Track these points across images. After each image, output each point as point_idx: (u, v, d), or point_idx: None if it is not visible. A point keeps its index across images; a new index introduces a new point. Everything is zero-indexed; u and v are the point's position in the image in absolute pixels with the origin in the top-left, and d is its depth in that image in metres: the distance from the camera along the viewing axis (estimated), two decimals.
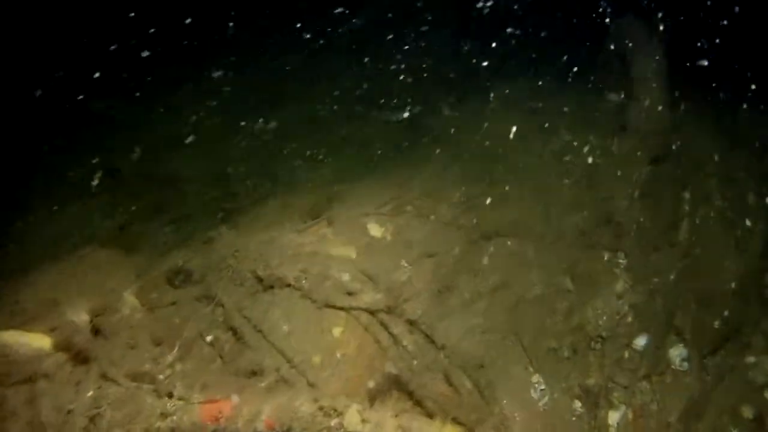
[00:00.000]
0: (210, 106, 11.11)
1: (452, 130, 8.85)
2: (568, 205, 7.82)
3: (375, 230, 6.29)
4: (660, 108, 8.19)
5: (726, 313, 7.68)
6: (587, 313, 7.05)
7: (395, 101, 10.77)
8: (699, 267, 8.03)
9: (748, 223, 8.72)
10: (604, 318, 6.92)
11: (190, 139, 9.67)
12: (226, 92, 11.15)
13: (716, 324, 7.41)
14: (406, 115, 10.25)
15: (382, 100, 10.82)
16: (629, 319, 7.22)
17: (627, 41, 8.88)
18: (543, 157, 8.25)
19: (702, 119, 9.35)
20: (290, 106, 10.68)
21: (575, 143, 8.51)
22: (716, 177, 8.87)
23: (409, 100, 10.72)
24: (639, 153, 8.30)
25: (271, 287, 6.01)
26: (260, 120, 10.38)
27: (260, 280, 6.04)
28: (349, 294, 5.78)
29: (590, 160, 8.29)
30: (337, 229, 6.31)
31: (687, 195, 8.70)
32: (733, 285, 8.03)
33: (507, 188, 7.69)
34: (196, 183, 8.81)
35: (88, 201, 8.49)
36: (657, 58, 8.50)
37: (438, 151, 8.59)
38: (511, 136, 8.55)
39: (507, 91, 9.54)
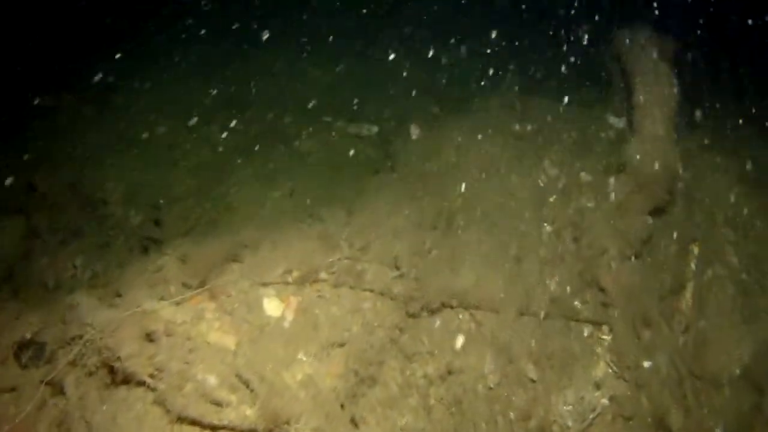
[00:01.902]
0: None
1: (416, 156, 6.78)
2: (544, 263, 6.03)
3: (272, 307, 4.51)
4: (666, 142, 6.18)
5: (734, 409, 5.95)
6: (553, 410, 5.45)
7: (369, 113, 8.59)
8: (704, 346, 6.38)
9: None
10: (575, 416, 4.88)
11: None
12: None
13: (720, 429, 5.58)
14: (376, 130, 8.17)
15: (355, 110, 8.58)
16: (608, 416, 5.61)
17: (631, 57, 6.70)
18: (520, 197, 6.37)
19: (717, 155, 7.47)
20: (249, 113, 8.44)
21: (562, 181, 6.53)
22: (731, 228, 6.86)
23: (385, 112, 8.55)
24: (638, 199, 6.61)
25: (125, 382, 4.55)
26: (209, 128, 8.14)
27: (113, 371, 4.56)
28: (214, 405, 4.37)
29: (578, 204, 6.19)
30: (221, 305, 4.38)
31: (694, 251, 7.02)
32: (743, 370, 6.25)
33: (467, 238, 5.66)
34: None
35: None
36: (665, 79, 6.28)
37: (392, 182, 6.65)
38: (485, 166, 6.47)
39: (492, 108, 7.45)
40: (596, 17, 8.00)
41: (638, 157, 6.23)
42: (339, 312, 4.88)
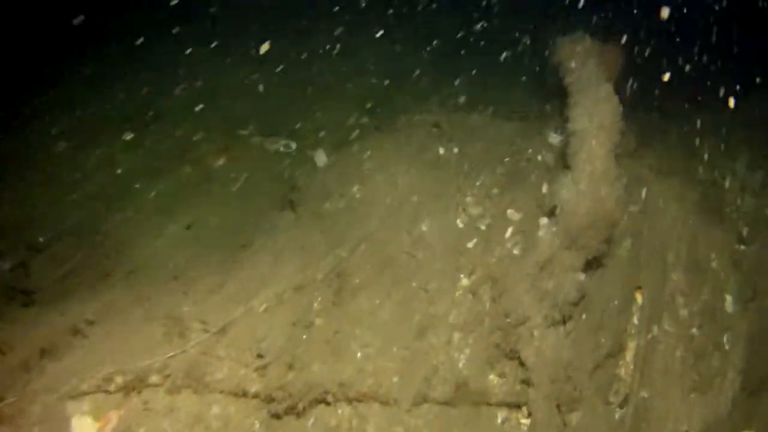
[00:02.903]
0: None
1: (320, 189, 5.65)
2: (454, 329, 5.16)
3: (83, 429, 3.04)
4: (604, 181, 5.49)
5: None
6: None
7: (292, 125, 7.21)
8: (646, 422, 5.19)
9: (725, 344, 5.74)
10: None
11: None
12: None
13: None
14: (294, 146, 6.81)
15: (277, 123, 7.19)
16: None
17: (569, 73, 5.30)
18: (432, 243, 5.34)
19: (670, 180, 5.82)
20: (157, 127, 7.06)
21: (486, 221, 5.24)
22: (682, 271, 5.73)
23: (309, 124, 7.18)
24: (568, 256, 5.41)
25: None
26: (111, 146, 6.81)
27: None
28: None
29: (502, 251, 4.89)
30: (15, 425, 3.08)
31: (638, 301, 5.89)
32: None
33: (361, 302, 4.60)
34: None
35: None
36: (605, 103, 4.98)
37: (290, 224, 5.51)
38: (395, 204, 5.16)
39: (416, 127, 6.09)
40: (540, 23, 6.47)
41: (571, 200, 4.88)
42: (173, 428, 3.52)
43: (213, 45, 9.06)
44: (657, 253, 5.81)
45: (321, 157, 6.22)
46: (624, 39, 6.20)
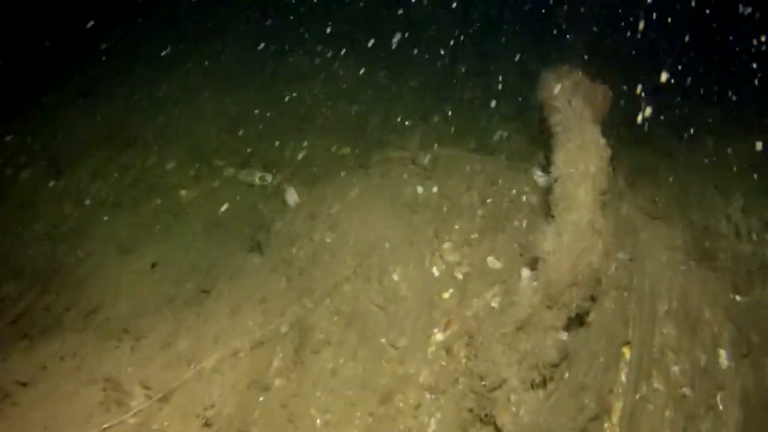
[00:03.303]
0: None
1: (288, 232, 5.39)
2: (424, 389, 4.73)
3: None
4: (589, 233, 4.99)
5: None
6: None
7: (269, 156, 6.74)
8: None
9: (718, 405, 5.22)
10: None
11: None
12: None
13: None
14: (270, 179, 6.33)
15: (253, 152, 6.72)
16: None
17: (554, 111, 4.84)
18: (404, 295, 5.19)
19: (663, 225, 5.50)
20: (128, 155, 6.59)
21: (463, 269, 4.94)
22: (674, 324, 5.64)
23: (286, 155, 6.71)
24: (549, 315, 4.86)
25: None
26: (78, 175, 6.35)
27: None
28: None
29: (480, 303, 4.57)
30: None
31: (626, 357, 5.38)
32: None
33: (322, 365, 4.32)
34: None
35: None
36: (592, 146, 4.65)
37: (255, 269, 5.27)
38: (366, 251, 4.77)
39: (395, 162, 5.55)
40: (527, 56, 6.00)
41: (554, 253, 4.62)
42: None
43: (192, 68, 8.52)
44: (646, 304, 5.33)
45: (292, 196, 5.72)
46: (614, 74, 5.65)
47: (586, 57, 6.16)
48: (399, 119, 7.39)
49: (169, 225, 6.53)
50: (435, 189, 5.93)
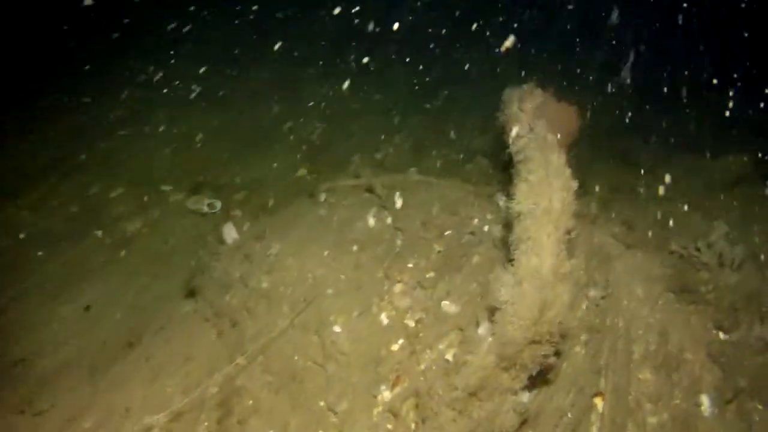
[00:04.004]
0: None
1: (223, 275, 4.80)
2: None
3: None
4: (553, 282, 4.18)
5: None
6: None
7: (220, 180, 6.00)
8: None
9: None
10: None
11: None
12: None
13: None
14: (219, 206, 5.59)
15: (204, 177, 5.97)
16: None
17: (515, 137, 4.15)
18: (348, 349, 4.54)
19: (635, 257, 5.29)
20: (69, 183, 5.83)
21: (416, 315, 4.78)
22: (650, 369, 4.88)
23: (238, 180, 5.97)
24: (506, 378, 4.14)
25: None
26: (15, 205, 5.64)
27: None
28: None
29: (433, 355, 4.61)
30: None
31: (598, 408, 4.61)
32: None
33: None
34: None
35: None
36: (556, 180, 4.58)
37: (187, 318, 4.84)
38: (308, 295, 4.14)
39: (348, 193, 4.78)
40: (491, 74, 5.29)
41: (513, 304, 4.12)
42: None
43: (145, 87, 7.72)
44: (621, 348, 4.61)
45: (230, 233, 4.96)
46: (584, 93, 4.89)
47: (553, 74, 5.39)
48: (360, 141, 6.59)
49: (110, 260, 5.77)
50: (389, 220, 5.17)
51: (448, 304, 4.63)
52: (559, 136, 4.75)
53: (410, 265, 4.90)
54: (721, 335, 5.02)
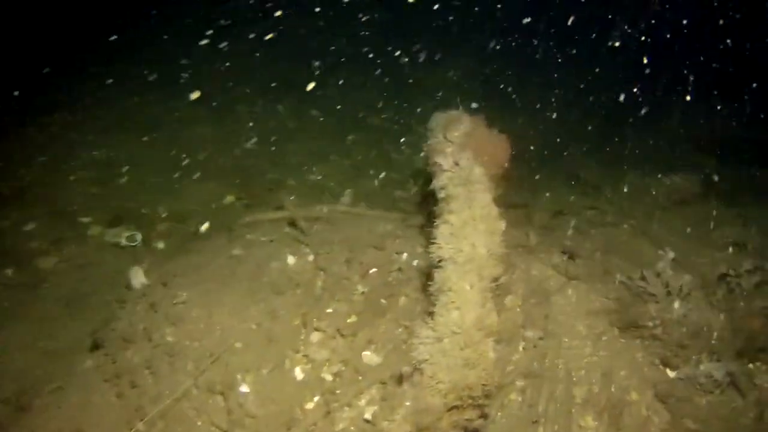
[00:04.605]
0: None
1: (125, 329, 4.40)
2: None
3: None
4: (475, 340, 3.71)
5: None
6: None
7: (144, 211, 5.36)
8: None
9: None
10: None
11: None
12: None
13: None
14: (140, 238, 4.99)
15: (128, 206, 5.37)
16: None
17: (437, 169, 3.56)
18: (253, 410, 4.02)
19: (577, 289, 5.14)
20: None
21: (332, 371, 4.24)
22: (593, 414, 4.36)
23: (161, 209, 5.32)
24: None
25: None
26: None
27: None
28: None
29: (351, 415, 3.96)
30: None
31: None
32: None
33: None
34: None
35: None
36: (481, 222, 4.04)
37: (84, 376, 3.97)
38: (215, 350, 3.61)
39: (267, 229, 4.20)
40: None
41: (430, 368, 3.64)
42: None
43: (69, 112, 7.02)
44: (561, 393, 4.11)
45: (138, 277, 4.33)
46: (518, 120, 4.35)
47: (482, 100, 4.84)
48: (296, 163, 5.97)
49: (20, 303, 5.11)
50: (311, 258, 4.59)
51: (369, 354, 4.07)
52: (487, 168, 4.16)
53: (330, 310, 4.33)
54: (669, 372, 4.51)
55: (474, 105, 4.84)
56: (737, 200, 6.04)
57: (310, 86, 6.94)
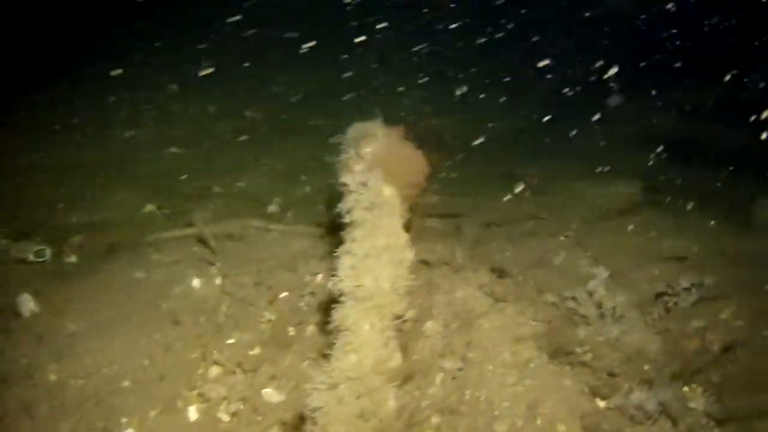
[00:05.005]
0: None
1: (15, 357, 4.11)
2: None
3: None
4: (380, 361, 3.44)
5: None
6: None
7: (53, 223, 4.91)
8: None
9: None
10: None
11: None
12: None
13: None
14: (49, 254, 4.53)
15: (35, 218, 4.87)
16: None
17: (347, 187, 2.99)
18: None
19: (503, 313, 4.64)
20: None
21: (230, 410, 3.63)
22: None
23: (75, 219, 4.84)
24: None
25: None
26: None
27: None
28: None
29: None
30: None
31: None
32: None
33: None
34: None
35: None
36: (391, 235, 3.69)
37: None
38: (98, 391, 3.36)
39: (175, 242, 3.70)
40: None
41: (323, 418, 3.23)
42: None
43: None
44: (481, 427, 3.63)
45: (26, 304, 3.81)
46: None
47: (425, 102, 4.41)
48: (224, 167, 5.46)
49: None
50: (218, 281, 4.14)
51: (270, 391, 3.65)
52: (401, 189, 3.69)
53: (232, 341, 3.89)
54: (599, 402, 4.10)
55: (420, 105, 4.34)
56: (678, 207, 5.66)
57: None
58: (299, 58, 7.47)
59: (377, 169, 3.78)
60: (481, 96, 7.28)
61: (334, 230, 4.72)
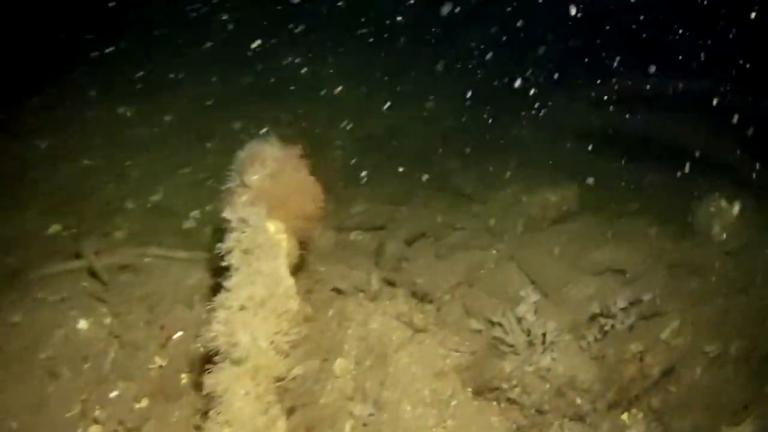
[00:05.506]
0: None
1: None
2: None
3: None
4: None
5: None
6: None
7: None
8: None
9: None
10: None
11: None
12: None
13: None
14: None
15: None
16: None
17: (233, 215, 2.31)
18: None
19: (423, 345, 4.07)
20: None
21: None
22: None
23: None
24: None
25: None
26: None
27: None
28: None
29: None
30: None
31: None
32: None
33: None
34: None
35: None
36: (271, 279, 3.18)
37: None
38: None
39: (63, 275, 3.07)
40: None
41: None
42: None
43: None
44: None
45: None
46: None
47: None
48: (139, 179, 4.87)
49: None
50: (107, 321, 3.59)
51: None
52: (289, 223, 3.11)
53: (116, 393, 3.30)
54: None
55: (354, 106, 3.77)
56: (616, 212, 5.14)
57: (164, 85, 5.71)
58: (221, 60, 6.85)
59: (262, 203, 3.20)
60: (409, 96, 6.71)
61: None
